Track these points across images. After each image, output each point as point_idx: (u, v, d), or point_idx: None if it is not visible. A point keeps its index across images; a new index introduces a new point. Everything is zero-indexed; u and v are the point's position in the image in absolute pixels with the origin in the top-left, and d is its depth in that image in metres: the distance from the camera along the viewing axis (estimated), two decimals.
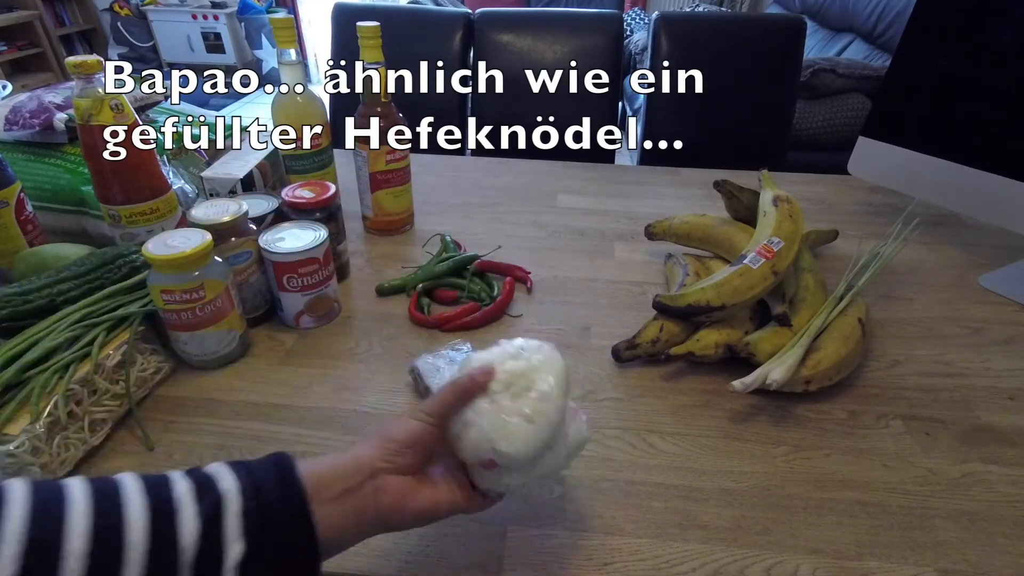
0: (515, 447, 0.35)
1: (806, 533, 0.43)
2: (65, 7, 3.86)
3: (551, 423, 0.36)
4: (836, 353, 0.54)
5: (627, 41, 2.95)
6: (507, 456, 0.35)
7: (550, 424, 0.36)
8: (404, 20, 1.35)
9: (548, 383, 0.36)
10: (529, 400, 0.36)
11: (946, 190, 0.77)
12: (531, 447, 0.35)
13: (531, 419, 0.35)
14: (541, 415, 0.35)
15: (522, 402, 0.36)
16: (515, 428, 0.35)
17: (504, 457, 0.35)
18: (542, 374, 0.37)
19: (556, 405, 0.36)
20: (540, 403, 0.36)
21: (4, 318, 0.51)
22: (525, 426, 0.35)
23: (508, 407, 0.36)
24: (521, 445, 0.35)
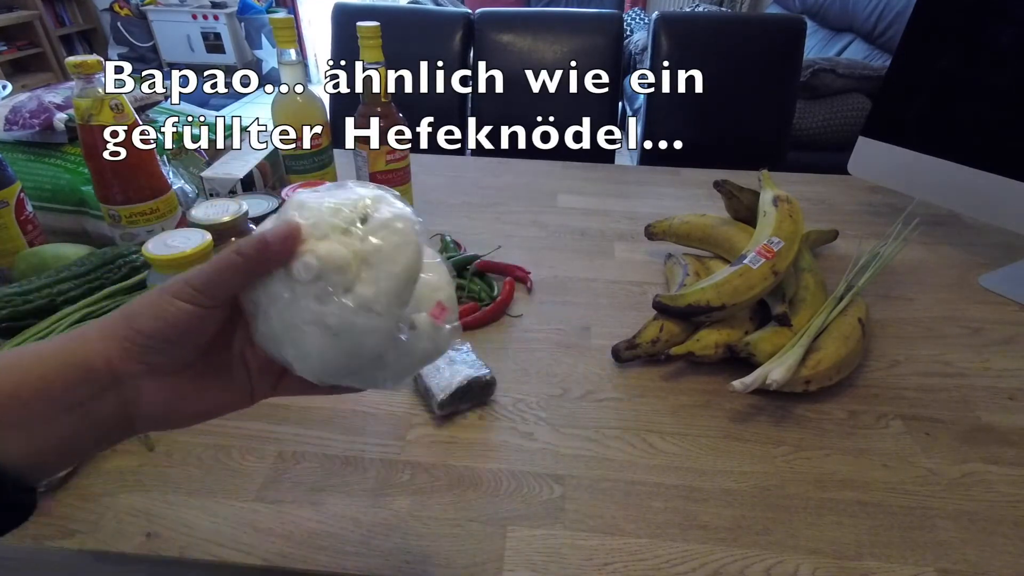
0: (308, 365, 0.27)
1: (806, 533, 0.43)
2: (65, 7, 3.86)
3: (364, 347, 0.27)
4: (836, 353, 0.54)
5: (627, 41, 2.95)
6: (293, 367, 0.28)
7: (361, 346, 0.27)
8: (404, 20, 1.35)
9: (377, 286, 0.26)
10: (340, 306, 0.26)
11: (946, 190, 0.77)
12: (329, 369, 0.27)
13: (336, 332, 0.26)
14: (351, 332, 0.26)
15: (331, 307, 0.26)
16: (312, 341, 0.26)
17: (290, 366, 0.28)
18: (376, 268, 0.26)
19: (377, 325, 0.26)
20: (355, 316, 0.26)
21: (4, 318, 0.51)
22: (324, 341, 0.26)
23: (309, 309, 0.26)
24: (316, 364, 0.27)
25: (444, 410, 0.51)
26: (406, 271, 0.27)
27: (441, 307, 0.30)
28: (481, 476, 0.47)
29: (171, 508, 0.44)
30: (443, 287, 0.30)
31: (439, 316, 0.30)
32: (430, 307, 0.29)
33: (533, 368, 0.58)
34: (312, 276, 0.26)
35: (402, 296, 0.27)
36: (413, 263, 0.28)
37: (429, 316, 0.29)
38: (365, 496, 0.45)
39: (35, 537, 0.41)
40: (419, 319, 0.29)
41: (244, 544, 0.41)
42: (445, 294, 0.30)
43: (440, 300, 0.30)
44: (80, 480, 0.45)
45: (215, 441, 0.49)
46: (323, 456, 0.48)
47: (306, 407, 0.53)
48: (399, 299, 0.27)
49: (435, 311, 0.30)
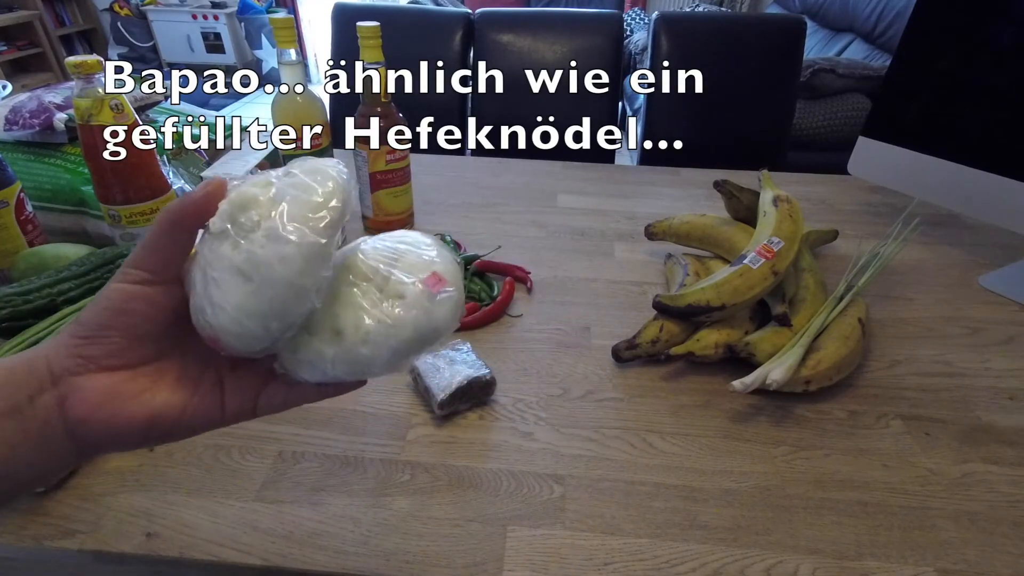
0: (224, 323, 0.24)
1: (806, 533, 0.43)
2: (65, 7, 3.86)
3: (277, 283, 0.23)
4: (836, 353, 0.54)
5: (627, 41, 2.95)
6: (216, 331, 0.24)
7: (274, 283, 0.23)
8: (404, 20, 1.35)
9: (287, 215, 0.24)
10: (249, 242, 0.24)
11: (946, 190, 0.77)
12: (249, 323, 0.24)
13: (247, 274, 0.23)
14: (260, 268, 0.23)
15: (240, 248, 0.24)
16: (225, 291, 0.24)
17: (215, 333, 0.24)
18: (288, 202, 0.24)
19: (288, 252, 0.23)
20: (262, 248, 0.23)
21: (4, 318, 0.51)
22: (238, 288, 0.24)
23: (222, 258, 0.24)
24: (233, 317, 0.24)
25: (444, 410, 0.51)
26: (321, 197, 0.24)
27: (437, 277, 0.28)
28: (481, 476, 0.47)
29: (171, 508, 0.44)
30: (441, 262, 0.29)
31: (433, 285, 0.27)
32: (424, 276, 0.28)
33: (533, 368, 0.58)
34: (223, 221, 0.24)
35: (317, 224, 0.24)
36: (330, 191, 0.25)
37: (421, 284, 0.27)
38: (365, 496, 0.45)
39: (35, 537, 0.41)
40: (408, 288, 0.27)
41: (244, 544, 0.41)
42: (443, 267, 0.28)
43: (436, 271, 0.28)
44: (80, 480, 0.45)
45: (215, 441, 0.49)
46: (323, 456, 0.48)
47: (306, 407, 0.53)
48: (314, 227, 0.24)
49: (428, 279, 0.27)
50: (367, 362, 0.27)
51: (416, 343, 0.27)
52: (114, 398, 0.24)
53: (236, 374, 0.28)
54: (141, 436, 0.25)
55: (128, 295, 0.24)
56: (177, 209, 0.24)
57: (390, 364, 0.27)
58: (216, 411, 0.27)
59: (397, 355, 0.27)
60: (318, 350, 0.27)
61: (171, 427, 0.26)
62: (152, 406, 0.25)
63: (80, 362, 0.24)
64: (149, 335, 0.25)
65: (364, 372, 0.28)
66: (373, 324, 0.27)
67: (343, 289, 0.27)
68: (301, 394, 0.29)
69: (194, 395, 0.27)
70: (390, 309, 0.27)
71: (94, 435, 0.24)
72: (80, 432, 0.24)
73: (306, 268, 0.24)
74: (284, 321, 0.25)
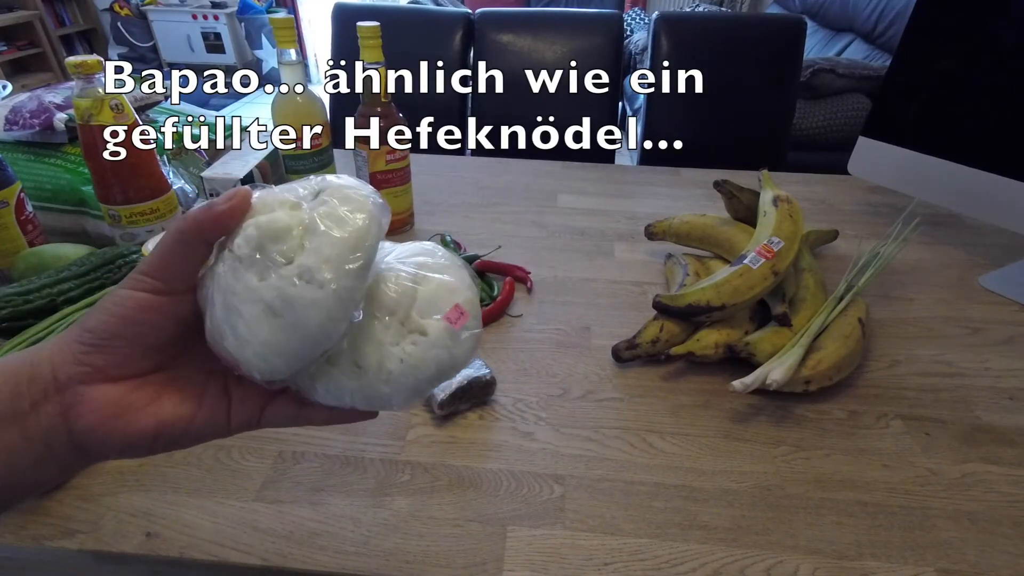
0: (248, 355, 0.24)
1: (806, 533, 0.43)
2: (65, 7, 3.86)
3: (307, 326, 0.23)
4: (836, 353, 0.54)
5: (627, 41, 2.95)
6: (237, 361, 0.24)
7: (304, 325, 0.23)
8: (404, 20, 1.35)
9: (319, 253, 0.23)
10: (279, 278, 0.23)
11: (946, 190, 0.77)
12: (272, 358, 0.24)
13: (275, 310, 0.23)
14: (291, 308, 0.23)
15: (269, 280, 0.23)
16: (250, 323, 0.23)
17: (236, 361, 0.24)
18: (321, 236, 0.23)
19: (319, 297, 0.23)
20: (294, 287, 0.23)
21: (4, 318, 0.51)
22: (263, 321, 0.23)
23: (248, 287, 0.23)
24: (257, 351, 0.23)
25: (444, 410, 0.51)
26: (356, 236, 0.24)
27: (459, 310, 0.27)
28: (481, 476, 0.47)
29: (171, 508, 0.44)
30: (462, 290, 0.28)
31: (455, 321, 0.27)
32: (445, 310, 0.27)
33: (533, 368, 0.58)
34: (252, 248, 0.23)
35: (352, 266, 0.23)
36: (365, 229, 0.24)
37: (443, 320, 0.27)
38: (365, 496, 0.45)
39: (35, 537, 0.41)
40: (431, 324, 0.27)
41: (244, 544, 0.41)
42: (464, 298, 0.28)
43: (458, 303, 0.27)
44: (80, 480, 0.45)
45: (215, 441, 0.49)
46: (323, 456, 0.48)
47: None
48: (349, 270, 0.23)
49: (451, 314, 0.27)
50: (386, 398, 0.27)
51: (436, 380, 0.27)
52: (121, 409, 0.24)
53: (243, 385, 0.27)
54: (147, 446, 0.25)
55: (140, 304, 0.23)
56: (196, 219, 0.23)
57: (408, 401, 0.27)
58: (222, 420, 0.27)
59: (417, 393, 0.27)
60: (338, 382, 0.26)
61: (178, 436, 0.26)
62: (159, 416, 0.25)
63: (87, 371, 0.23)
64: (157, 345, 0.24)
65: (382, 406, 0.28)
66: (395, 364, 0.26)
67: (365, 321, 0.26)
68: (310, 416, 0.28)
69: (201, 405, 0.26)
70: (412, 348, 0.26)
71: (100, 445, 0.24)
72: (86, 442, 0.24)
73: (338, 312, 0.24)
74: (309, 359, 0.25)
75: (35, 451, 0.23)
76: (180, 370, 0.26)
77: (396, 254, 0.29)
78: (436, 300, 0.27)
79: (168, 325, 0.24)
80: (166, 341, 0.25)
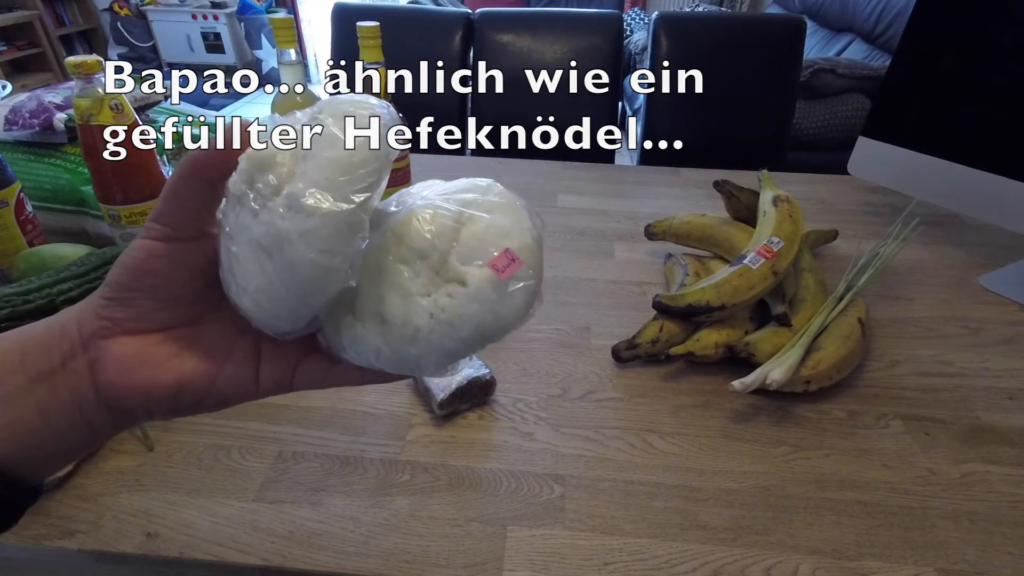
0: (252, 303, 0.22)
1: (806, 533, 0.43)
2: (65, 7, 3.86)
3: (301, 264, 0.20)
4: (836, 353, 0.54)
5: (627, 41, 2.96)
6: (242, 310, 0.22)
7: (297, 264, 0.20)
8: (404, 20, 1.35)
9: (308, 178, 0.20)
10: (269, 213, 0.21)
11: (946, 190, 0.77)
12: (275, 304, 0.21)
13: (267, 248, 0.21)
14: (281, 244, 0.20)
15: (260, 217, 0.21)
16: (248, 267, 0.21)
17: (246, 313, 0.22)
18: (311, 159, 0.21)
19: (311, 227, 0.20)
20: (283, 220, 0.20)
21: (4, 318, 0.51)
22: (259, 264, 0.21)
23: (244, 227, 0.21)
24: (259, 300, 0.22)
25: (444, 410, 0.51)
26: (349, 155, 0.20)
27: (509, 257, 0.22)
28: (481, 476, 0.47)
29: (171, 508, 0.44)
30: (517, 234, 0.23)
31: (503, 269, 0.22)
32: (491, 256, 0.22)
33: (533, 368, 0.58)
34: (244, 183, 0.21)
35: (346, 188, 0.20)
36: (360, 145, 0.21)
37: (488, 268, 0.22)
38: (365, 496, 0.45)
39: (35, 537, 0.41)
40: (472, 272, 0.22)
41: (244, 544, 0.41)
42: (518, 243, 0.23)
43: (509, 248, 0.23)
44: (80, 480, 0.45)
45: (215, 441, 0.49)
46: (323, 456, 0.48)
47: (306, 407, 0.53)
48: (343, 194, 0.20)
49: (498, 261, 0.22)
50: (414, 360, 0.23)
51: (476, 343, 0.23)
52: (141, 363, 0.23)
53: (275, 343, 0.25)
54: (170, 403, 0.24)
55: (149, 252, 0.22)
56: (194, 158, 0.22)
57: (442, 365, 0.24)
58: (250, 382, 0.25)
59: (451, 356, 0.24)
60: (363, 337, 0.23)
61: (201, 395, 0.24)
62: (179, 372, 0.24)
63: (106, 324, 0.23)
64: (178, 297, 0.23)
65: (412, 370, 0.24)
66: (424, 320, 0.22)
67: (391, 265, 0.23)
68: (341, 375, 0.26)
69: (226, 363, 0.25)
70: (447, 301, 0.22)
71: (122, 400, 0.23)
72: (109, 396, 0.23)
73: (333, 244, 0.20)
74: (312, 304, 0.22)
75: (66, 411, 0.23)
76: (207, 326, 0.25)
77: (441, 189, 0.25)
78: (482, 244, 0.23)
79: (183, 275, 0.23)
80: (184, 293, 0.24)
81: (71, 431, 0.23)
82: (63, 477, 0.45)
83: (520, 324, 0.24)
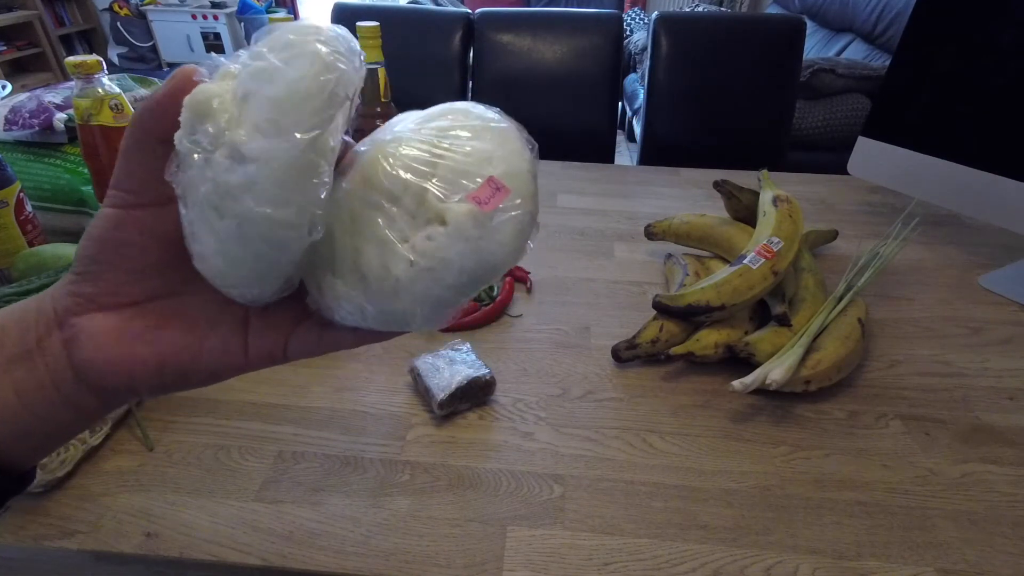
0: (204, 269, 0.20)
1: (806, 533, 0.43)
2: (65, 7, 3.86)
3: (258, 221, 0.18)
4: (836, 353, 0.54)
5: (627, 41, 2.96)
6: (210, 279, 0.21)
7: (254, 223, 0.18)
8: (404, 20, 1.35)
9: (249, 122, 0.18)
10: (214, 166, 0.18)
11: (946, 190, 0.77)
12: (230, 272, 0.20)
13: (217, 209, 0.19)
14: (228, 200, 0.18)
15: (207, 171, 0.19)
16: (201, 230, 0.19)
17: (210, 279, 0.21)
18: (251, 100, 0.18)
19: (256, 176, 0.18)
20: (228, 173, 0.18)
21: None
22: (210, 224, 0.19)
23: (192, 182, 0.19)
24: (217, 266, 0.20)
25: (444, 410, 0.51)
26: (290, 89, 0.18)
27: (493, 186, 0.20)
28: (481, 476, 0.47)
29: (171, 508, 0.44)
30: (501, 158, 0.21)
31: (486, 200, 0.20)
32: (472, 188, 0.20)
33: (533, 368, 0.58)
34: (188, 135, 0.19)
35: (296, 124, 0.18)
36: (306, 76, 0.18)
37: (468, 200, 0.20)
38: (365, 496, 0.45)
39: (35, 537, 0.41)
40: (451, 209, 0.20)
41: (244, 544, 0.41)
42: (502, 168, 0.21)
43: (493, 176, 0.20)
44: (80, 480, 0.45)
45: (215, 441, 0.49)
46: (323, 456, 0.48)
47: (306, 407, 0.53)
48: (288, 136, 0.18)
49: (480, 192, 0.20)
50: (400, 315, 0.21)
51: (467, 287, 0.21)
52: (117, 339, 0.22)
53: (264, 312, 0.24)
54: (154, 379, 0.23)
55: (112, 221, 0.21)
56: (138, 115, 0.20)
57: (433, 318, 0.22)
58: (239, 354, 0.24)
59: (441, 305, 0.21)
60: (346, 295, 0.21)
61: (187, 370, 0.23)
62: (160, 347, 0.22)
63: (79, 301, 0.22)
64: (149, 267, 0.22)
65: (400, 327, 0.22)
66: (403, 269, 0.20)
67: (364, 211, 0.21)
68: (336, 339, 0.24)
69: (210, 335, 0.23)
70: (426, 244, 0.20)
71: (102, 379, 0.22)
72: (88, 376, 0.22)
73: (282, 193, 0.18)
74: (278, 265, 0.20)
75: (45, 391, 0.22)
76: (188, 297, 0.23)
77: (414, 119, 0.23)
78: (463, 175, 0.20)
79: (151, 244, 0.22)
80: (156, 262, 0.22)
81: (53, 412, 0.23)
82: (63, 477, 0.45)
83: (514, 259, 0.21)
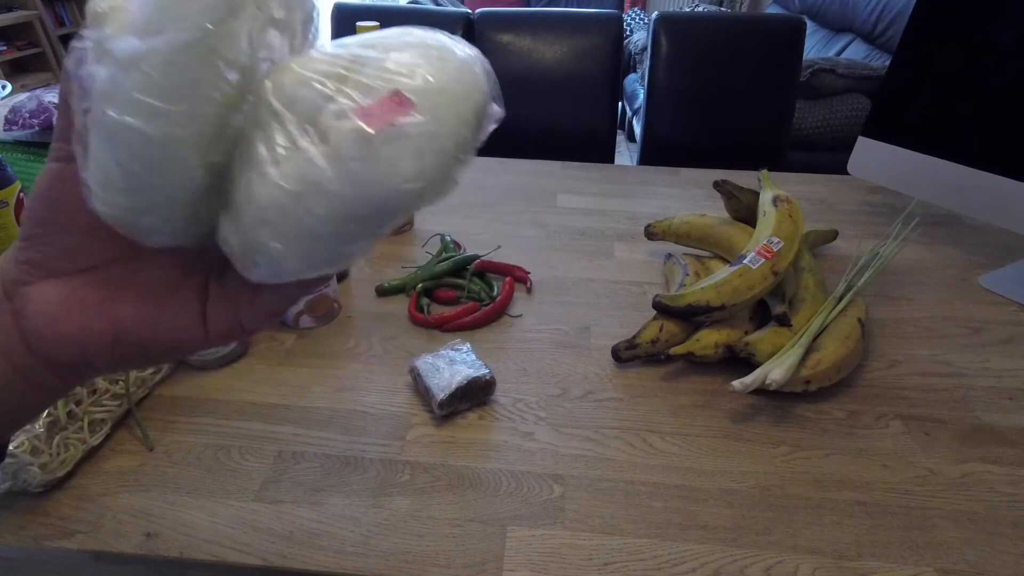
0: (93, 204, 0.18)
1: (806, 533, 0.43)
2: (65, 7, 3.86)
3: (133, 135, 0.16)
4: (836, 353, 0.54)
5: (627, 41, 2.96)
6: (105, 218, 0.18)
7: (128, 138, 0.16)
8: (404, 20, 1.35)
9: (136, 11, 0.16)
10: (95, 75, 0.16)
11: (946, 190, 0.77)
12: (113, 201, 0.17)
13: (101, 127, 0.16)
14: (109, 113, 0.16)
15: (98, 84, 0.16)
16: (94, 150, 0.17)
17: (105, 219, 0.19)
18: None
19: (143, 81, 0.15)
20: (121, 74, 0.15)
21: None
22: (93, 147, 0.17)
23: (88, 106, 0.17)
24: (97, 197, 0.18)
25: (444, 410, 0.51)
26: None
27: (397, 99, 0.16)
28: (481, 476, 0.47)
29: (171, 508, 0.44)
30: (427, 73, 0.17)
31: (378, 116, 0.16)
32: (374, 98, 0.17)
33: (533, 368, 0.58)
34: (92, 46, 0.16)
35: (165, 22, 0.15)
36: None
37: (355, 116, 0.16)
38: (365, 496, 0.45)
39: (35, 537, 0.41)
40: (333, 126, 0.16)
41: (244, 544, 0.41)
42: (418, 82, 0.17)
43: (397, 90, 0.17)
44: (80, 480, 0.45)
45: (215, 441, 0.49)
46: (323, 456, 0.48)
47: (306, 407, 0.53)
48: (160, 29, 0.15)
49: (374, 106, 0.16)
50: (273, 256, 0.18)
51: (344, 222, 0.17)
52: (68, 309, 0.20)
53: (221, 281, 0.22)
54: (109, 353, 0.21)
55: (56, 176, 0.19)
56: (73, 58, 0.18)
57: (314, 260, 0.18)
58: (197, 326, 0.22)
59: (316, 242, 0.17)
60: (225, 233, 0.19)
61: (145, 342, 0.22)
62: (114, 317, 0.21)
63: (27, 268, 0.20)
64: (98, 227, 0.19)
65: (278, 271, 0.19)
66: (268, 194, 0.17)
67: (249, 131, 0.18)
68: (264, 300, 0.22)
69: (166, 305, 0.22)
70: (295, 167, 0.16)
71: (54, 352, 0.21)
72: (39, 348, 0.21)
73: (150, 99, 0.15)
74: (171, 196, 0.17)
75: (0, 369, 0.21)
76: (143, 264, 0.22)
77: (360, 38, 0.20)
78: (367, 90, 0.17)
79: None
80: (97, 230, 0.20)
81: (10, 387, 0.21)
82: (63, 477, 0.45)
83: (413, 196, 0.17)
